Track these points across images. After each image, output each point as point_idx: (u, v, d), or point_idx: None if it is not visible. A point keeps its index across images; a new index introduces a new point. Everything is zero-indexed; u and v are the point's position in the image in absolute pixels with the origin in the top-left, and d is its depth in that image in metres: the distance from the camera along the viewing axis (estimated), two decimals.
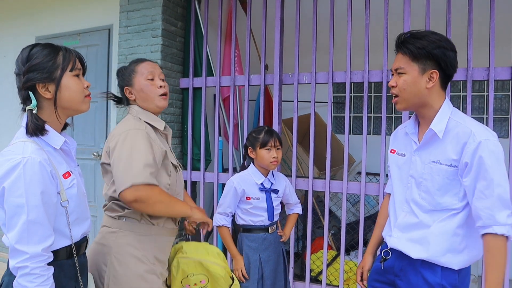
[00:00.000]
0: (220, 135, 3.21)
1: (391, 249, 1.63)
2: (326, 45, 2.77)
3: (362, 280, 1.79)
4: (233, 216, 2.21)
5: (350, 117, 2.15)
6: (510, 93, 3.82)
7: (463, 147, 1.41)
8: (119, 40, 3.25)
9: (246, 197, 2.16)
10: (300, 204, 2.39)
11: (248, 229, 2.17)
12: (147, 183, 1.50)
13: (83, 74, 1.45)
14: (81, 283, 1.40)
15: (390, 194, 1.76)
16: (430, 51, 1.44)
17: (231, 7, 3.19)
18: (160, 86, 1.72)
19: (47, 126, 1.34)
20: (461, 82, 3.88)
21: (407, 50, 1.47)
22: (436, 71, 1.45)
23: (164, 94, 1.73)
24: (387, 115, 2.75)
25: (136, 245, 1.62)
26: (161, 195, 1.57)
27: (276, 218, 2.21)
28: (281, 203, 2.29)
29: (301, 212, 2.38)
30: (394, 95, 1.55)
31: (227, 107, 3.29)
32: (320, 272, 3.16)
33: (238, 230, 2.24)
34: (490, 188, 1.36)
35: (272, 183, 2.22)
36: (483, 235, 1.37)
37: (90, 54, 3.58)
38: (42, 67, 1.32)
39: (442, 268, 1.48)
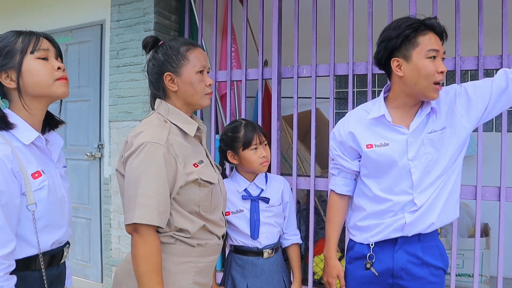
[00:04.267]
0: (217, 133, 3.07)
1: (377, 248, 1.57)
2: (327, 37, 2.62)
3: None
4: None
5: None
6: None
7: (449, 103, 1.52)
8: (111, 35, 3.13)
9: (225, 213, 1.70)
10: (299, 233, 1.91)
11: (238, 249, 1.77)
12: (150, 224, 1.26)
13: (61, 57, 1.28)
14: None
15: (339, 194, 1.69)
16: None
17: None
18: (209, 84, 1.44)
19: (15, 119, 1.19)
20: (469, 72, 3.73)
21: (444, 36, 1.49)
22: None
23: (210, 93, 1.46)
24: None
25: (172, 269, 1.36)
26: (151, 257, 1.27)
27: (269, 237, 1.76)
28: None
29: (301, 242, 1.91)
30: (440, 83, 1.46)
31: (224, 103, 3.15)
32: None
33: (229, 249, 1.87)
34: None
35: (262, 190, 1.78)
36: None
37: (83, 51, 3.45)
38: (1, 53, 1.18)
39: (439, 249, 1.56)
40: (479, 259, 2.33)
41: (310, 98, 2.68)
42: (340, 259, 3.11)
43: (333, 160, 1.70)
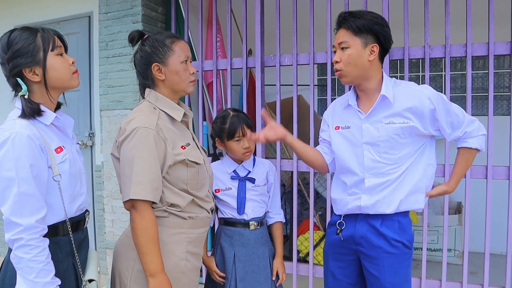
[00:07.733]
0: (204, 119, 3.21)
1: (345, 218, 1.76)
2: (307, 28, 2.77)
3: None
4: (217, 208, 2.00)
5: (333, 99, 2.17)
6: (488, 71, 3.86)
7: (419, 103, 1.62)
8: (99, 27, 3.22)
9: (215, 190, 1.91)
10: (282, 212, 2.09)
11: (227, 221, 1.95)
12: (145, 199, 1.41)
13: (66, 51, 1.45)
14: (77, 260, 1.42)
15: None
16: (371, 26, 1.61)
17: None
18: (192, 73, 1.58)
19: (42, 107, 1.36)
20: (443, 60, 3.91)
21: (349, 25, 1.61)
22: (376, 45, 1.62)
23: (194, 81, 1.61)
24: None
25: (166, 240, 1.52)
26: (148, 229, 1.42)
27: (255, 211, 1.94)
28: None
29: (284, 220, 2.09)
30: (337, 70, 1.65)
31: (211, 92, 3.28)
32: (308, 253, 3.20)
33: (219, 222, 2.04)
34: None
35: (249, 171, 1.96)
36: (461, 148, 1.69)
37: (71, 43, 3.49)
38: (24, 51, 1.32)
39: (399, 224, 1.68)
40: (447, 233, 2.53)
41: (292, 85, 2.83)
42: (322, 239, 3.31)
43: (320, 136, 1.92)
